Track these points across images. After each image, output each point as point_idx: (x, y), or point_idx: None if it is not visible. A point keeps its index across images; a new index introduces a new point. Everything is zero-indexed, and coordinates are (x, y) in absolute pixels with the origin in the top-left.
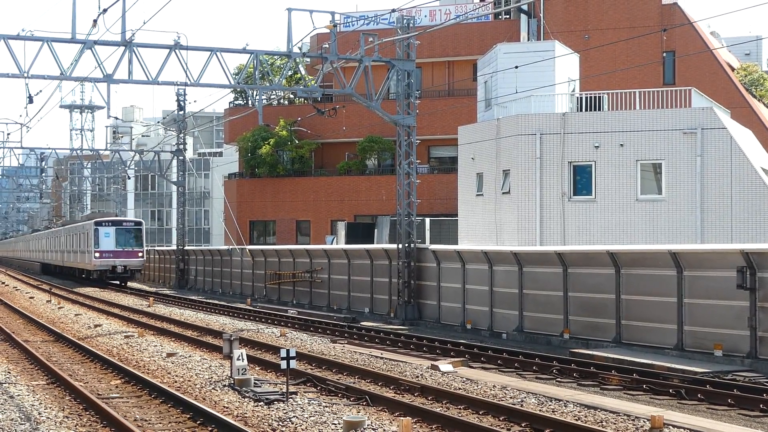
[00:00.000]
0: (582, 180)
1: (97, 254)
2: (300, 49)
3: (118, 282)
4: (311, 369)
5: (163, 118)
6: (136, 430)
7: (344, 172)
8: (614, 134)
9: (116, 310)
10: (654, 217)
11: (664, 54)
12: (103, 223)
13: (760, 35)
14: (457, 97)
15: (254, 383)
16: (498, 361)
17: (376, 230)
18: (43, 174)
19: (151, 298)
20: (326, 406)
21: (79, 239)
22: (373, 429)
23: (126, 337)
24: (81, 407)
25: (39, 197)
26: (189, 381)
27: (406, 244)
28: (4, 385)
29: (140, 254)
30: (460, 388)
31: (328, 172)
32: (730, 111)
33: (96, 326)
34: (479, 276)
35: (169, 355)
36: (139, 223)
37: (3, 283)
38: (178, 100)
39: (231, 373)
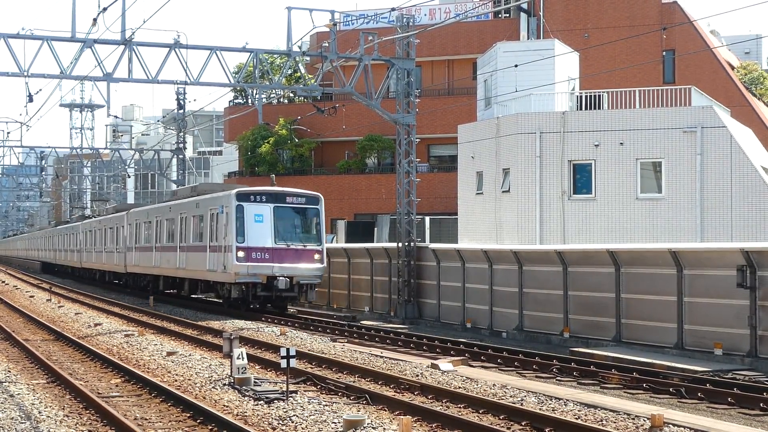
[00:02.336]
0: (582, 179)
1: (240, 253)
2: (300, 47)
3: (272, 306)
4: (311, 368)
5: (163, 117)
6: (137, 429)
7: (344, 171)
8: (614, 133)
9: (116, 309)
10: (654, 216)
11: (664, 53)
12: (253, 197)
13: (760, 34)
14: (456, 95)
15: (254, 382)
16: (498, 360)
17: (375, 229)
18: (43, 173)
19: (151, 297)
20: (326, 405)
21: (190, 226)
22: (373, 428)
23: (126, 335)
24: (81, 406)
25: (39, 196)
26: (189, 380)
27: (406, 243)
28: (4, 383)
29: (317, 256)
30: (459, 387)
31: (327, 170)
32: (730, 110)
33: (96, 325)
34: (479, 275)
35: (169, 353)
36: (316, 200)
37: (3, 282)
38: (177, 99)
39: (231, 372)
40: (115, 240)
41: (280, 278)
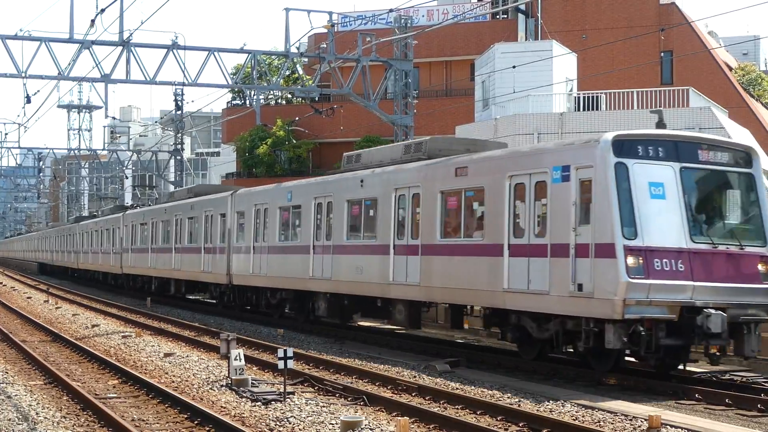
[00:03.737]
0: None
1: (631, 260)
2: (298, 49)
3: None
4: (309, 369)
5: (161, 118)
6: (134, 430)
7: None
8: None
9: (114, 310)
10: None
11: (662, 54)
12: (641, 149)
13: (757, 35)
14: (454, 96)
15: (251, 383)
16: (496, 360)
17: None
18: (41, 174)
19: (148, 298)
20: (324, 406)
21: (436, 210)
22: (371, 429)
23: (123, 337)
24: (78, 407)
25: (37, 197)
26: (186, 381)
27: None
28: (1, 385)
29: (763, 267)
30: (457, 388)
31: (325, 171)
32: (728, 111)
33: (93, 326)
34: None
35: (167, 355)
36: (748, 158)
37: (0, 283)
38: (175, 100)
39: (228, 373)
40: (204, 236)
41: (712, 313)
